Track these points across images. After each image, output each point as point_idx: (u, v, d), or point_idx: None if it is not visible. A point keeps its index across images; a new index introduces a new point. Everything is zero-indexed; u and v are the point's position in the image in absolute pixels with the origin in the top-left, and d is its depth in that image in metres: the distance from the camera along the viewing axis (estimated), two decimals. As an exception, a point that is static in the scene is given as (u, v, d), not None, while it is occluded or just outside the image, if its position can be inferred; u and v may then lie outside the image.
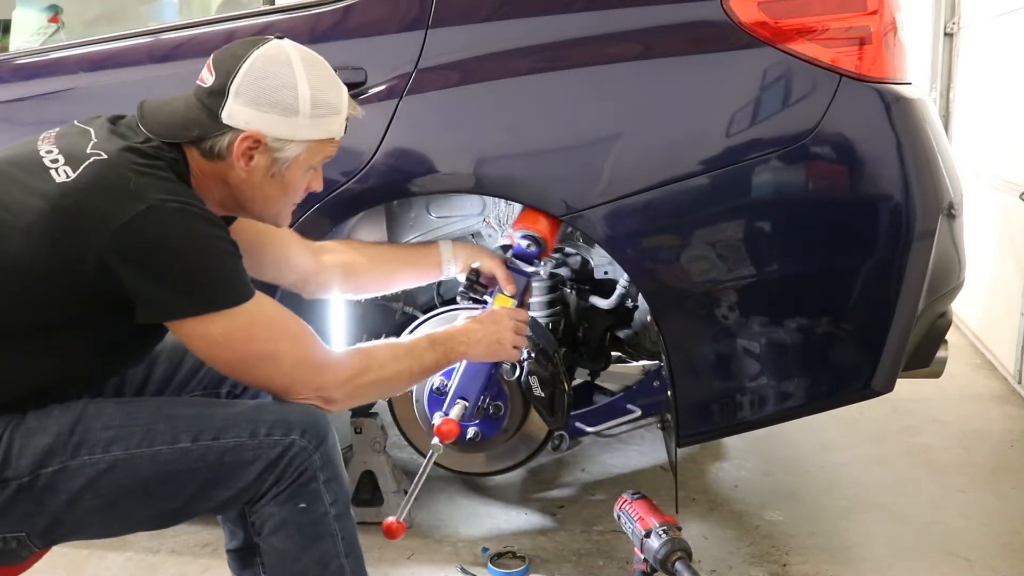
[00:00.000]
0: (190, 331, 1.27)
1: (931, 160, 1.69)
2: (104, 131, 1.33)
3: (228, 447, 1.29)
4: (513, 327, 1.65)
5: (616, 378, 2.63)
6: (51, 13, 2.34)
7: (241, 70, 1.30)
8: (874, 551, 2.05)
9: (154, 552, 2.07)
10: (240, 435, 1.29)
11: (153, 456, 1.26)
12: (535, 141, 1.74)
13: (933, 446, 2.65)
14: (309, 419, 1.33)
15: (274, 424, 1.30)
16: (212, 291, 1.26)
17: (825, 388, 1.77)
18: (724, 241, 1.68)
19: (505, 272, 1.78)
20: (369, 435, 2.14)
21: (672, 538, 1.59)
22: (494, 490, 2.40)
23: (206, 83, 1.32)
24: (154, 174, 1.27)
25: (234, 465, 1.29)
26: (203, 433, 1.29)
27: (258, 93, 1.30)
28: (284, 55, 1.32)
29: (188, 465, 1.28)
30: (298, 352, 1.34)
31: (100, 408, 1.30)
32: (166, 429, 1.28)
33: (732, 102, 1.66)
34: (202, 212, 1.28)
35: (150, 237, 1.21)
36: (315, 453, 1.31)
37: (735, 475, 2.47)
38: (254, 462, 1.29)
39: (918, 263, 1.67)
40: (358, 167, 1.74)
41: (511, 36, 1.73)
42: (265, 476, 1.30)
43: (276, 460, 1.29)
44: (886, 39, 1.65)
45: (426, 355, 1.49)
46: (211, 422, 1.30)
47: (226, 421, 1.31)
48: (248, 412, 1.32)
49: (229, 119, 1.30)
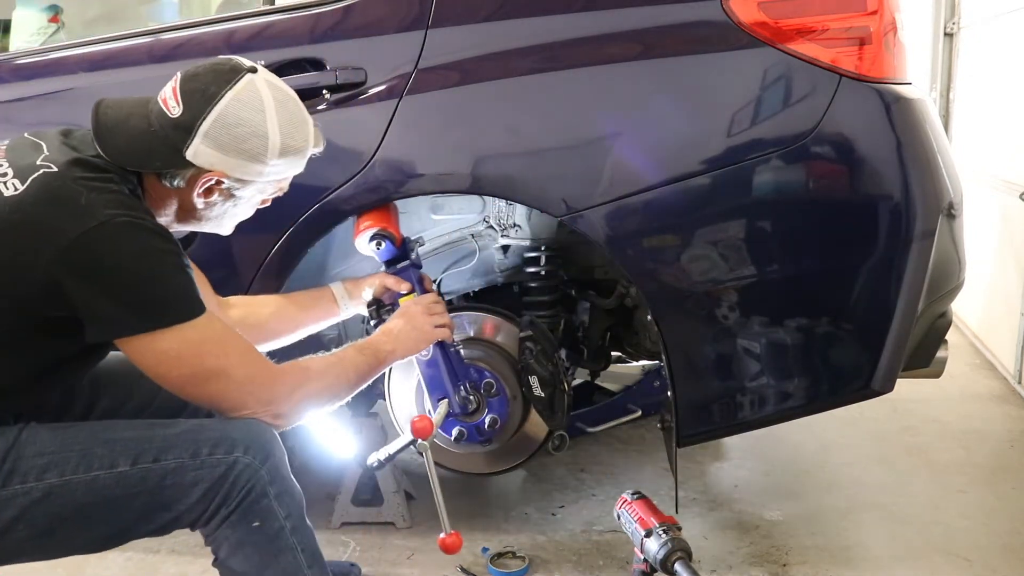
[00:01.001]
0: (141, 347, 1.24)
1: (931, 160, 1.69)
2: (56, 143, 1.31)
3: (169, 469, 1.26)
4: (423, 310, 1.69)
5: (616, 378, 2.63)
6: (51, 13, 2.34)
7: (212, 113, 1.27)
8: (874, 551, 2.05)
9: (154, 552, 2.07)
10: (181, 456, 1.26)
11: (90, 482, 1.23)
12: (535, 141, 1.74)
13: (933, 446, 2.65)
14: (252, 435, 1.30)
15: (216, 442, 1.28)
16: (164, 307, 1.24)
17: (825, 388, 1.77)
18: (724, 241, 1.68)
19: (390, 278, 1.79)
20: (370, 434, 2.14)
21: (672, 538, 1.59)
22: (494, 490, 2.40)
23: (172, 113, 1.28)
24: (105, 188, 1.24)
25: (176, 487, 1.26)
26: (142, 455, 1.26)
27: (228, 140, 1.29)
28: (257, 99, 1.30)
29: (127, 490, 1.25)
30: (248, 367, 1.32)
31: (34, 434, 1.27)
32: (104, 453, 1.25)
33: (732, 102, 1.66)
34: (153, 227, 1.26)
35: (100, 253, 1.20)
36: (261, 468, 1.28)
37: (735, 475, 2.47)
38: (197, 483, 1.26)
39: (918, 263, 1.67)
40: (358, 167, 1.74)
41: (511, 36, 1.73)
42: (210, 496, 1.27)
43: (220, 479, 1.26)
44: (886, 39, 1.65)
45: (357, 361, 1.49)
46: (151, 444, 1.27)
47: (166, 442, 1.27)
48: (189, 432, 1.30)
49: (194, 158, 1.29)
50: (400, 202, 1.82)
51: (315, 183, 1.76)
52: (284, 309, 1.75)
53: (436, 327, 1.70)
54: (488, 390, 1.89)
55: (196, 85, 1.29)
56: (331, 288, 1.81)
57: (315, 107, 1.76)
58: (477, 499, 2.33)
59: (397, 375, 2.03)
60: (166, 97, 1.30)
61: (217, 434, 1.29)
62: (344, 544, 2.09)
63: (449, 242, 2.08)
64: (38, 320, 1.24)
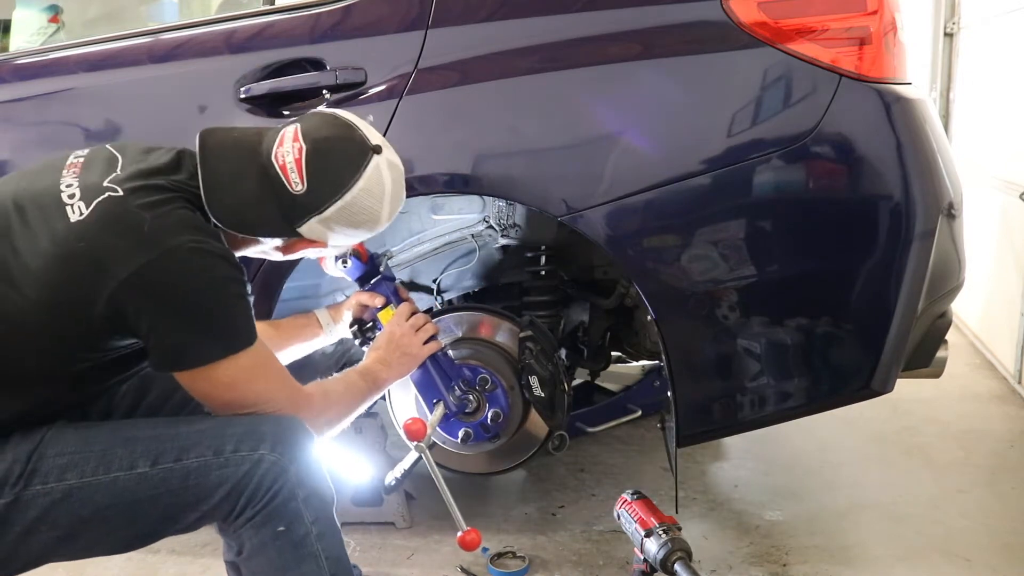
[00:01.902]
0: (198, 375, 1.24)
1: (931, 160, 1.69)
2: (133, 158, 1.30)
3: (191, 468, 1.23)
4: (407, 331, 1.69)
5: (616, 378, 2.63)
6: (51, 13, 2.34)
7: (339, 202, 1.30)
8: (874, 551, 2.05)
9: (154, 552, 2.07)
10: (204, 454, 1.23)
11: (110, 484, 1.21)
12: (535, 141, 1.74)
13: (933, 446, 2.65)
14: (280, 430, 1.26)
15: (242, 438, 1.24)
16: (227, 337, 1.24)
17: (825, 388, 1.77)
18: (724, 241, 1.68)
19: (364, 295, 1.80)
20: (369, 435, 2.14)
21: (672, 538, 1.59)
22: (494, 490, 2.40)
23: (294, 189, 1.29)
24: (170, 212, 1.23)
25: (199, 487, 1.23)
26: (163, 456, 1.23)
27: (345, 222, 1.33)
28: (380, 187, 1.34)
29: (148, 491, 1.22)
30: (286, 390, 1.34)
31: (58, 434, 1.25)
32: (124, 454, 1.22)
33: (732, 102, 1.66)
34: (219, 251, 1.25)
35: (165, 282, 1.19)
36: (289, 467, 1.24)
37: (735, 475, 2.47)
38: (221, 483, 1.23)
39: (918, 263, 1.67)
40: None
41: (511, 36, 1.73)
42: (234, 496, 1.23)
43: (244, 479, 1.22)
44: (886, 39, 1.65)
45: (361, 387, 1.52)
46: (173, 443, 1.24)
47: (189, 440, 1.24)
48: (215, 427, 1.26)
49: (305, 232, 1.33)
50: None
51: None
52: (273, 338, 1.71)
53: (424, 343, 1.72)
54: (484, 386, 1.89)
55: (324, 164, 1.30)
56: (316, 314, 1.82)
57: (315, 107, 1.76)
58: (477, 499, 2.33)
59: None
60: (286, 164, 1.29)
61: (243, 429, 1.26)
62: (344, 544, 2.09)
63: (449, 242, 2.08)
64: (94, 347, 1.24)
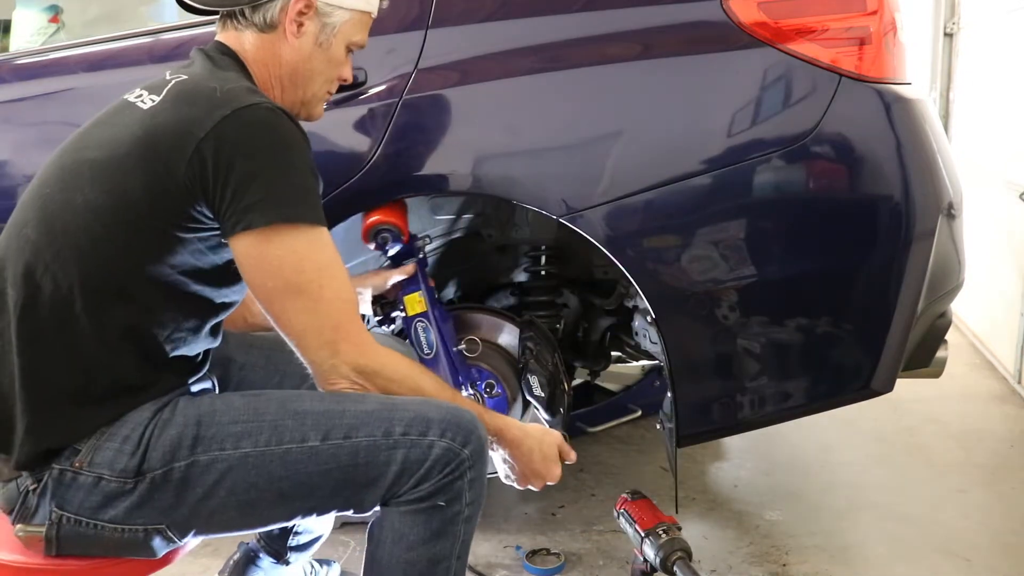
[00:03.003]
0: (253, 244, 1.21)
1: (931, 160, 1.69)
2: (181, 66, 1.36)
3: (361, 447, 1.24)
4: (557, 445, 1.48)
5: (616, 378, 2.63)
6: (51, 13, 2.34)
7: None
8: (874, 551, 2.05)
9: (154, 552, 2.07)
10: (373, 434, 1.24)
11: (283, 455, 1.23)
12: (535, 141, 1.74)
13: (933, 446, 2.65)
14: (450, 416, 1.27)
15: (410, 423, 1.25)
16: (291, 204, 1.22)
17: (825, 388, 1.77)
18: (724, 241, 1.68)
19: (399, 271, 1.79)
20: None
21: (672, 538, 1.59)
22: (494, 490, 2.40)
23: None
24: (240, 83, 1.28)
25: (369, 466, 1.24)
26: (333, 431, 1.24)
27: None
28: None
29: (319, 466, 1.24)
30: (342, 312, 1.27)
31: (228, 401, 1.29)
32: (295, 426, 1.24)
33: (732, 102, 1.66)
34: (293, 119, 1.27)
35: (244, 134, 1.21)
36: (463, 450, 1.26)
37: (735, 475, 2.47)
38: (391, 463, 1.24)
39: (918, 263, 1.67)
40: (358, 167, 1.74)
41: (511, 36, 1.73)
42: (404, 478, 1.24)
43: (417, 462, 1.24)
44: (886, 39, 1.65)
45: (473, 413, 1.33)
46: (341, 419, 1.25)
47: (357, 419, 1.25)
48: (381, 410, 1.26)
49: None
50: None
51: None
52: None
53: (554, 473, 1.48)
54: (489, 390, 1.89)
55: None
56: None
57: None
58: (477, 499, 2.33)
59: None
60: None
61: (411, 414, 1.26)
62: (344, 544, 2.09)
63: (449, 242, 2.08)
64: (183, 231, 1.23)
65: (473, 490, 1.28)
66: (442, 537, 1.28)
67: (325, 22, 1.39)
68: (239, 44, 1.38)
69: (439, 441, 1.25)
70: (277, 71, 1.40)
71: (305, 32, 1.38)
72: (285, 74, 1.40)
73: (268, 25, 1.36)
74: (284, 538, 1.71)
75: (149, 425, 1.23)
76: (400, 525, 1.28)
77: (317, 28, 1.38)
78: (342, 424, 1.24)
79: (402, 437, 1.24)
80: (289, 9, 1.35)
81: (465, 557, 1.33)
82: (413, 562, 1.28)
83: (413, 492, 1.26)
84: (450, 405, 1.30)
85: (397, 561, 1.28)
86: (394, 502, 1.27)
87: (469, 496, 1.28)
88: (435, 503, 1.26)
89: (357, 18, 1.42)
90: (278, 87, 1.41)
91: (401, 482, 1.25)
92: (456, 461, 1.25)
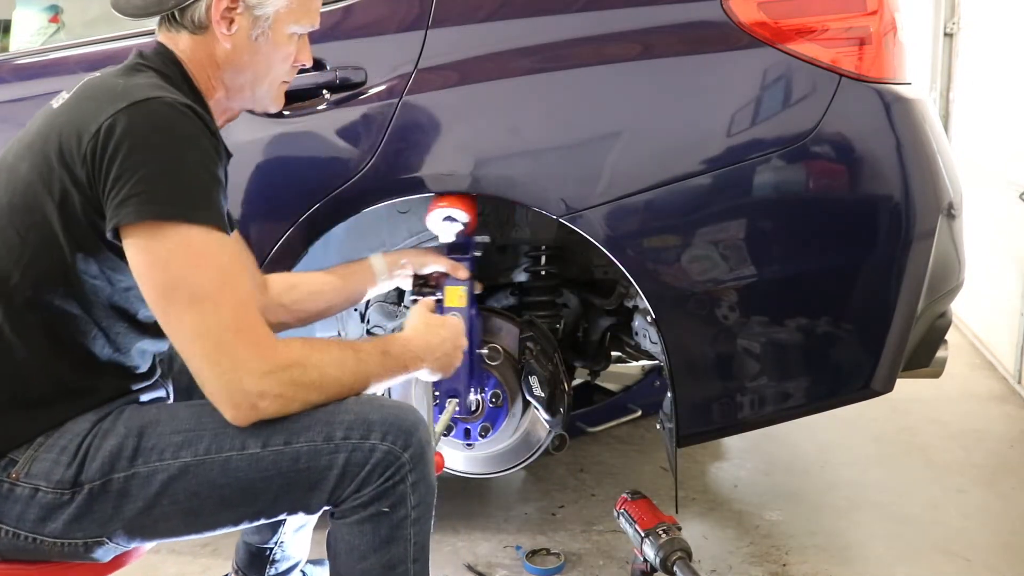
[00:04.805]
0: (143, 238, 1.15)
1: (931, 160, 1.69)
2: None
3: (302, 452, 1.22)
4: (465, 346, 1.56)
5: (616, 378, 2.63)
6: (51, 13, 2.34)
7: None
8: (874, 551, 2.05)
9: (154, 552, 2.07)
10: (314, 439, 1.22)
11: (224, 463, 1.21)
12: (535, 141, 1.74)
13: (933, 446, 2.65)
14: (391, 418, 1.25)
15: (351, 426, 1.23)
16: (184, 201, 1.16)
17: (825, 388, 1.77)
18: (724, 241, 1.68)
19: (449, 261, 1.78)
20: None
21: (672, 538, 1.60)
22: (494, 490, 2.40)
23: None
24: (147, 78, 1.25)
25: (311, 471, 1.22)
26: (273, 437, 1.22)
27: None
28: None
29: (260, 472, 1.22)
30: (241, 317, 1.17)
31: (173, 412, 1.27)
32: (235, 433, 1.22)
33: (732, 102, 1.66)
34: (199, 115, 1.22)
35: (139, 126, 1.16)
36: (403, 454, 1.24)
37: (735, 475, 2.47)
38: (332, 467, 1.22)
39: (918, 263, 1.68)
40: (358, 167, 1.74)
41: (511, 36, 1.73)
42: (346, 482, 1.23)
43: (358, 465, 1.23)
44: (886, 39, 1.65)
45: (374, 366, 1.32)
46: (282, 424, 1.22)
47: (298, 424, 1.23)
48: (321, 413, 1.24)
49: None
50: (401, 202, 1.82)
51: (313, 185, 1.77)
52: (320, 290, 1.71)
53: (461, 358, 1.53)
54: (495, 400, 1.89)
55: None
56: (370, 260, 1.78)
57: (315, 107, 1.76)
58: (477, 499, 2.33)
59: None
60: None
61: (352, 416, 1.24)
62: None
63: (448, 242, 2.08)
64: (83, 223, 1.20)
65: (417, 492, 1.27)
66: (393, 543, 1.27)
67: (257, 15, 1.32)
68: (175, 46, 1.33)
69: (380, 444, 1.23)
70: (216, 72, 1.35)
71: (237, 28, 1.32)
72: (226, 74, 1.36)
73: (198, 26, 1.31)
74: (262, 569, 1.69)
75: (88, 436, 1.21)
76: (350, 536, 1.28)
77: (249, 22, 1.32)
78: (283, 429, 1.22)
79: (343, 441, 1.22)
80: (214, 7, 1.30)
81: (424, 560, 1.33)
82: (368, 571, 1.28)
83: (356, 497, 1.25)
84: (392, 405, 1.28)
85: (353, 572, 1.28)
86: (340, 512, 1.27)
87: (414, 499, 1.27)
88: (380, 509, 1.25)
89: (296, 3, 1.35)
90: (220, 88, 1.37)
91: (343, 485, 1.24)
92: (396, 465, 1.24)
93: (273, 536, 1.65)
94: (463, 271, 1.78)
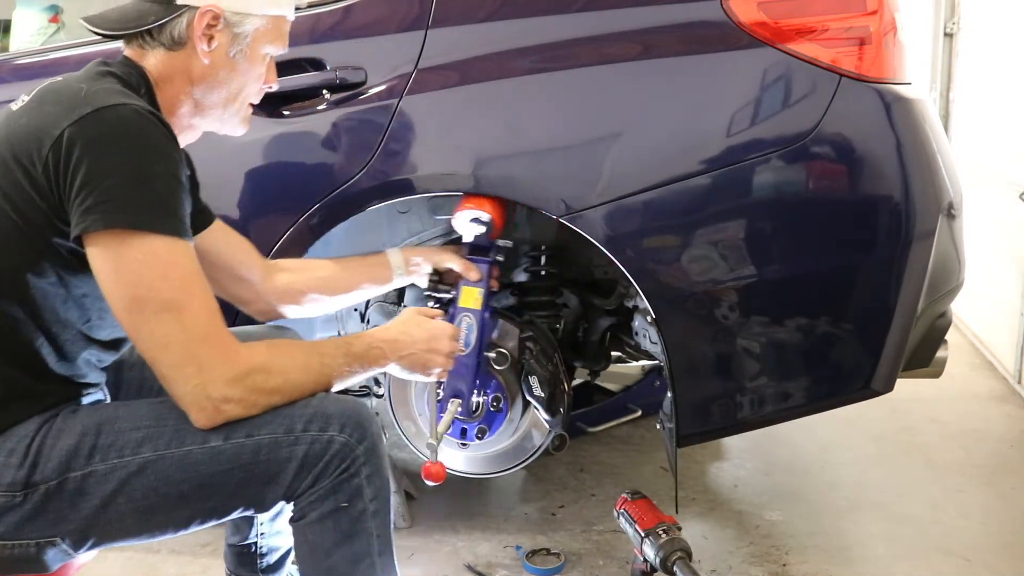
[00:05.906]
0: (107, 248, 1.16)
1: (931, 160, 1.69)
2: None
3: (263, 444, 1.22)
4: (449, 350, 1.51)
5: (616, 378, 2.63)
6: (51, 13, 2.34)
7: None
8: (874, 551, 2.05)
9: (154, 552, 2.07)
10: (275, 431, 1.23)
11: (183, 457, 1.21)
12: (535, 141, 1.74)
13: (933, 446, 2.65)
14: (347, 411, 1.27)
15: (310, 418, 1.24)
16: (148, 210, 1.16)
17: (825, 388, 1.77)
18: (724, 241, 1.68)
19: (463, 261, 1.78)
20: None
21: (672, 538, 1.60)
22: (494, 490, 2.40)
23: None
24: (110, 85, 1.24)
25: (270, 463, 1.23)
26: (235, 431, 1.22)
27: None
28: None
29: (220, 465, 1.22)
30: (208, 325, 1.20)
31: (133, 409, 1.27)
32: (196, 428, 1.22)
33: (732, 102, 1.66)
34: (161, 123, 1.22)
35: (102, 133, 1.16)
36: (358, 447, 1.26)
37: (735, 475, 2.47)
38: (291, 459, 1.23)
39: (918, 263, 1.68)
40: (358, 166, 1.74)
41: (511, 36, 1.73)
42: (303, 474, 1.24)
43: (315, 457, 1.24)
44: (886, 39, 1.65)
45: (337, 367, 1.33)
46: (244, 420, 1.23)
47: (260, 418, 1.24)
48: (283, 407, 1.25)
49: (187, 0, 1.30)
50: (401, 202, 1.82)
51: (313, 185, 1.77)
52: (335, 280, 1.72)
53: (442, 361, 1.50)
54: (495, 404, 1.89)
55: None
56: (388, 254, 1.79)
57: (315, 107, 1.76)
58: (477, 499, 2.33)
59: None
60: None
61: (311, 410, 1.25)
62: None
63: (448, 242, 2.08)
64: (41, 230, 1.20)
65: (373, 486, 1.28)
66: (355, 537, 1.29)
67: (236, 32, 1.33)
68: (143, 61, 1.33)
69: (338, 436, 1.24)
70: (187, 87, 1.35)
71: (217, 45, 1.33)
72: (199, 89, 1.36)
73: (176, 43, 1.32)
74: (253, 565, 1.68)
75: (37, 436, 1.21)
76: (312, 536, 1.29)
77: (228, 40, 1.33)
78: (246, 423, 1.23)
79: (303, 433, 1.24)
80: (196, 24, 1.30)
81: (389, 553, 1.34)
82: (334, 567, 1.28)
83: (312, 492, 1.26)
84: (348, 400, 1.29)
85: (320, 571, 1.29)
86: (299, 511, 1.27)
87: (370, 492, 1.28)
88: (338, 504, 1.26)
89: (272, 23, 1.37)
90: (188, 103, 1.37)
91: (300, 478, 1.24)
92: (351, 458, 1.25)
93: (251, 531, 1.65)
94: (475, 273, 1.78)
